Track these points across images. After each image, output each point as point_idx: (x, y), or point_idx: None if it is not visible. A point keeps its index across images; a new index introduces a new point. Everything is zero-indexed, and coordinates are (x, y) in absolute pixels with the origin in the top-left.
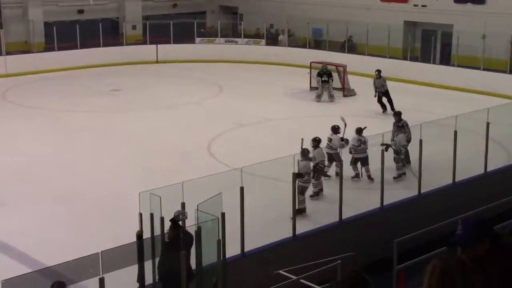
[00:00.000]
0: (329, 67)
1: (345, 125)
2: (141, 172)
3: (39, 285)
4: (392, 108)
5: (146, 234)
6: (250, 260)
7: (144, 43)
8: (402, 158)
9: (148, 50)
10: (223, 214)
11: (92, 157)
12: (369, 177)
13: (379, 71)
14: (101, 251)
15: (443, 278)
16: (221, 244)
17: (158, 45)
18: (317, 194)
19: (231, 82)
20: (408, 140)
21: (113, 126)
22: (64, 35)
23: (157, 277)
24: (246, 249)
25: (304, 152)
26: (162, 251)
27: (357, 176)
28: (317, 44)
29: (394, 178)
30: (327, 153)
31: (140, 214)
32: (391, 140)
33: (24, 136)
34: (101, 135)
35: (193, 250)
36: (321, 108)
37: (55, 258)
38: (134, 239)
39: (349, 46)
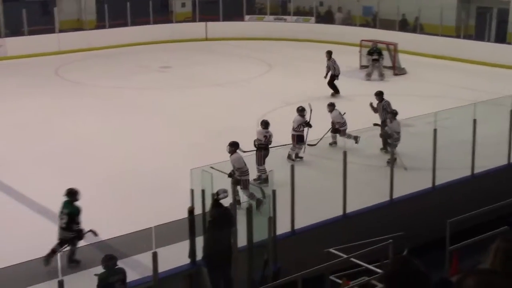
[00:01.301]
0: (379, 45)
1: (311, 111)
2: (191, 149)
3: (93, 258)
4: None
5: (198, 211)
6: (300, 237)
7: (194, 20)
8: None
9: (197, 28)
10: (274, 191)
11: (142, 133)
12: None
13: (329, 52)
14: (154, 226)
15: (506, 259)
16: (272, 221)
17: (208, 23)
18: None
19: (280, 60)
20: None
21: (162, 103)
22: (115, 12)
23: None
24: (296, 227)
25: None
26: (206, 230)
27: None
28: (368, 22)
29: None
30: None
31: (192, 191)
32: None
33: (75, 112)
34: (150, 112)
35: (243, 227)
36: (371, 86)
37: (108, 232)
38: (186, 215)
39: (402, 24)
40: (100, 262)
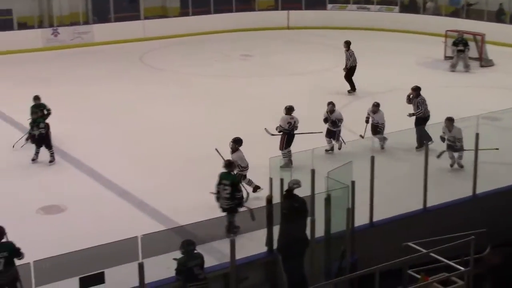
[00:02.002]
0: (465, 36)
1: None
2: (270, 137)
3: (172, 242)
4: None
5: (276, 200)
6: (379, 230)
7: (276, 9)
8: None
9: (279, 16)
10: (353, 183)
11: (221, 120)
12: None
13: (347, 42)
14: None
15: None
16: (350, 213)
17: (290, 11)
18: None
19: (362, 50)
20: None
21: (243, 90)
22: (198, 0)
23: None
24: (375, 219)
25: None
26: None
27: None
28: (455, 12)
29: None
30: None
31: (270, 179)
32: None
33: (157, 98)
34: (231, 100)
35: (320, 218)
36: (455, 78)
37: (186, 217)
38: (264, 203)
39: (498, 14)
40: (179, 246)
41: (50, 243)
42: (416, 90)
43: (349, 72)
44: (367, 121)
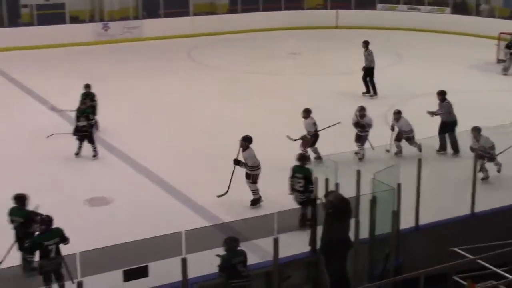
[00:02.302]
0: None
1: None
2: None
3: (215, 239)
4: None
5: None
6: (424, 234)
7: (325, 8)
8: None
9: (328, 15)
10: (399, 185)
11: (268, 118)
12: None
13: (365, 42)
14: (277, 212)
15: None
16: (396, 215)
17: (339, 10)
18: None
19: (411, 51)
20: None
21: (290, 88)
22: None
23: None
24: (420, 223)
25: None
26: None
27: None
28: (510, 14)
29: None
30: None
31: (315, 179)
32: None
33: (204, 94)
34: (278, 97)
35: (365, 219)
36: (508, 82)
37: (231, 214)
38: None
39: None
40: (223, 243)
41: (96, 235)
42: (442, 94)
43: (367, 72)
44: (392, 129)
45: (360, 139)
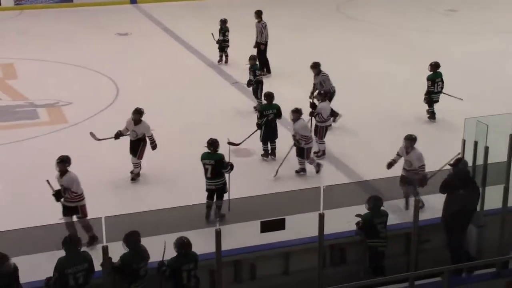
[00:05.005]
0: None
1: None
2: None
3: (357, 196)
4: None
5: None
6: None
7: None
8: None
9: None
10: None
11: (410, 76)
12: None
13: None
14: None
15: None
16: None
17: None
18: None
19: None
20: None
21: (444, 47)
22: None
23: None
24: None
25: None
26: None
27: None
28: None
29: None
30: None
31: (464, 141)
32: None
33: (353, 49)
34: (426, 57)
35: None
36: None
37: (371, 172)
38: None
39: None
40: (365, 201)
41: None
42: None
43: None
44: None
45: None
